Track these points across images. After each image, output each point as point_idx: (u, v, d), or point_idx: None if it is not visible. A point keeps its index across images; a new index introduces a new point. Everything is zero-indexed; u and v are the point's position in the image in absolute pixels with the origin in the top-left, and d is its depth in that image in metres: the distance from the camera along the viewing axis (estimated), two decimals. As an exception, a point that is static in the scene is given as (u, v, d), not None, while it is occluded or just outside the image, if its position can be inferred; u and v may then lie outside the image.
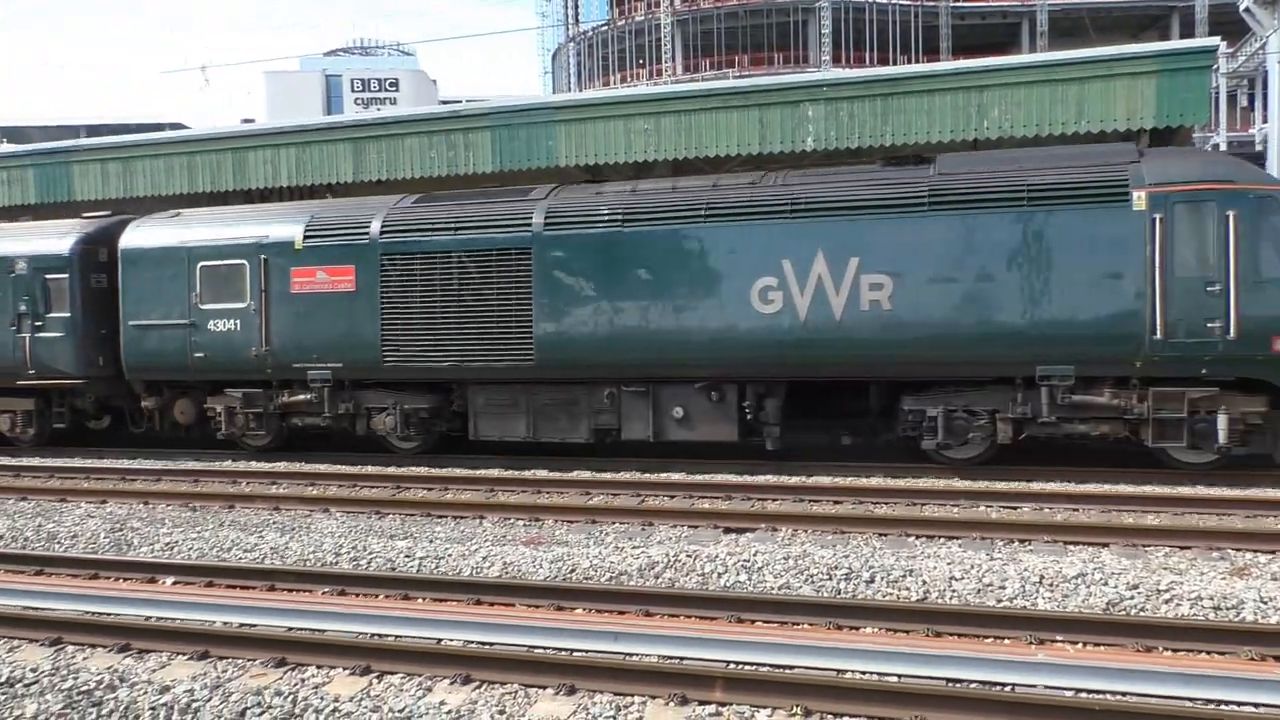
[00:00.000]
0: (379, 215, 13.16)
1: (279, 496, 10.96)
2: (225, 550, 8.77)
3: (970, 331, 10.74)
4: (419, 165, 15.37)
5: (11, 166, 18.22)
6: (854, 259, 11.06)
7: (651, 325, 11.81)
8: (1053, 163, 10.89)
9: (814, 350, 11.26)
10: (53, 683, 5.69)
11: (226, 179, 16.72)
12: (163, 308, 14.10)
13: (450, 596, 7.03)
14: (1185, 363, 10.24)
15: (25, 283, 14.99)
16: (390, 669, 5.73)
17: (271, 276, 13.49)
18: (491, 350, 12.45)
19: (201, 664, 5.95)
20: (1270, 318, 9.98)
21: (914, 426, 11.38)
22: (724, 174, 12.76)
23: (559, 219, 12.28)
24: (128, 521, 10.08)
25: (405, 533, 9.31)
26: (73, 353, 14.70)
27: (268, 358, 13.52)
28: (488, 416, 12.86)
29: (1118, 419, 10.64)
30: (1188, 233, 10.19)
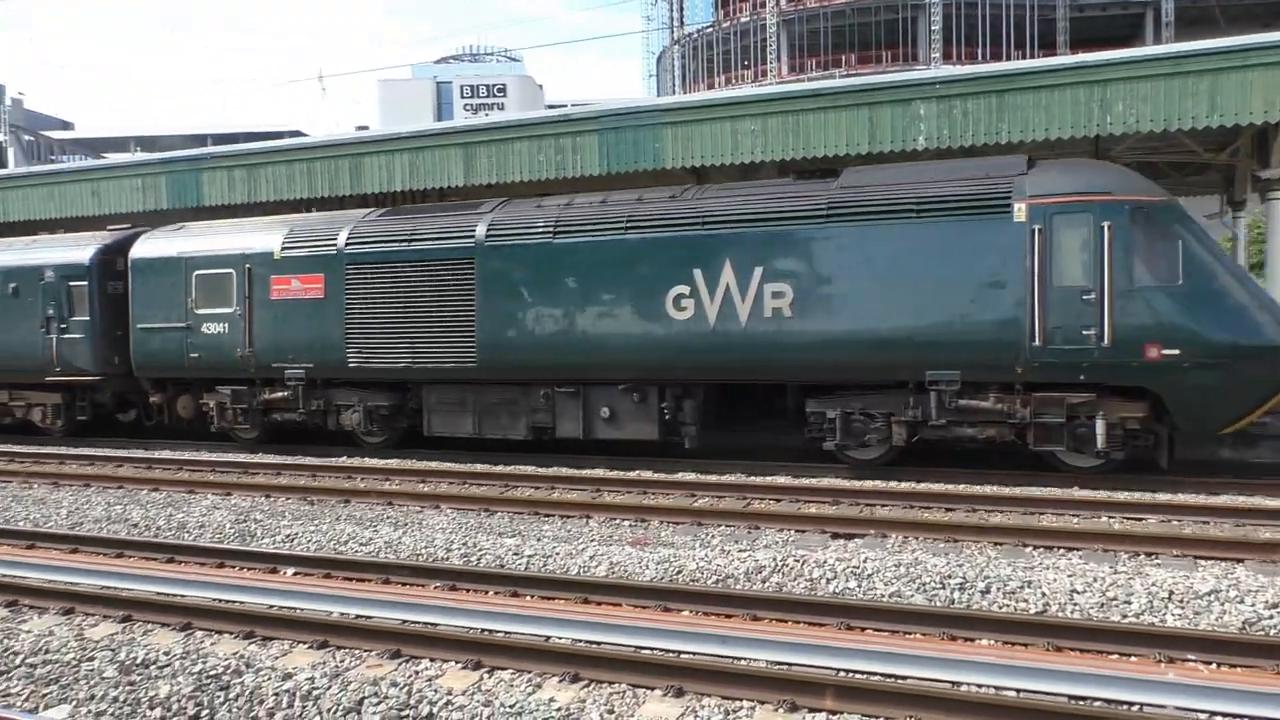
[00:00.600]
0: (346, 228, 14.24)
1: (392, 492, 11.25)
2: (342, 543, 9.05)
3: (864, 337, 11.17)
4: (528, 169, 15.60)
5: (146, 174, 19.19)
6: (759, 268, 11.61)
7: (579, 330, 12.55)
8: (945, 175, 11.22)
9: (722, 355, 11.82)
10: (183, 666, 5.95)
11: (344, 184, 17.27)
12: (165, 312, 15.34)
13: (558, 595, 7.10)
14: (1064, 369, 10.45)
15: (52, 289, 16.51)
16: (500, 664, 5.82)
17: (254, 284, 14.65)
18: (440, 353, 13.34)
19: (321, 653, 6.15)
20: (1142, 326, 10.13)
21: (817, 428, 11.80)
22: (651, 189, 13.29)
23: (499, 231, 13.11)
24: (251, 513, 10.49)
25: (514, 530, 9.45)
26: (91, 352, 16.10)
27: (251, 358, 14.61)
28: (439, 414, 13.73)
29: (1003, 423, 10.93)
30: (1064, 243, 10.43)
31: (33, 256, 17.03)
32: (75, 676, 5.86)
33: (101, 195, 19.35)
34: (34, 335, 16.59)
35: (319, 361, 14.19)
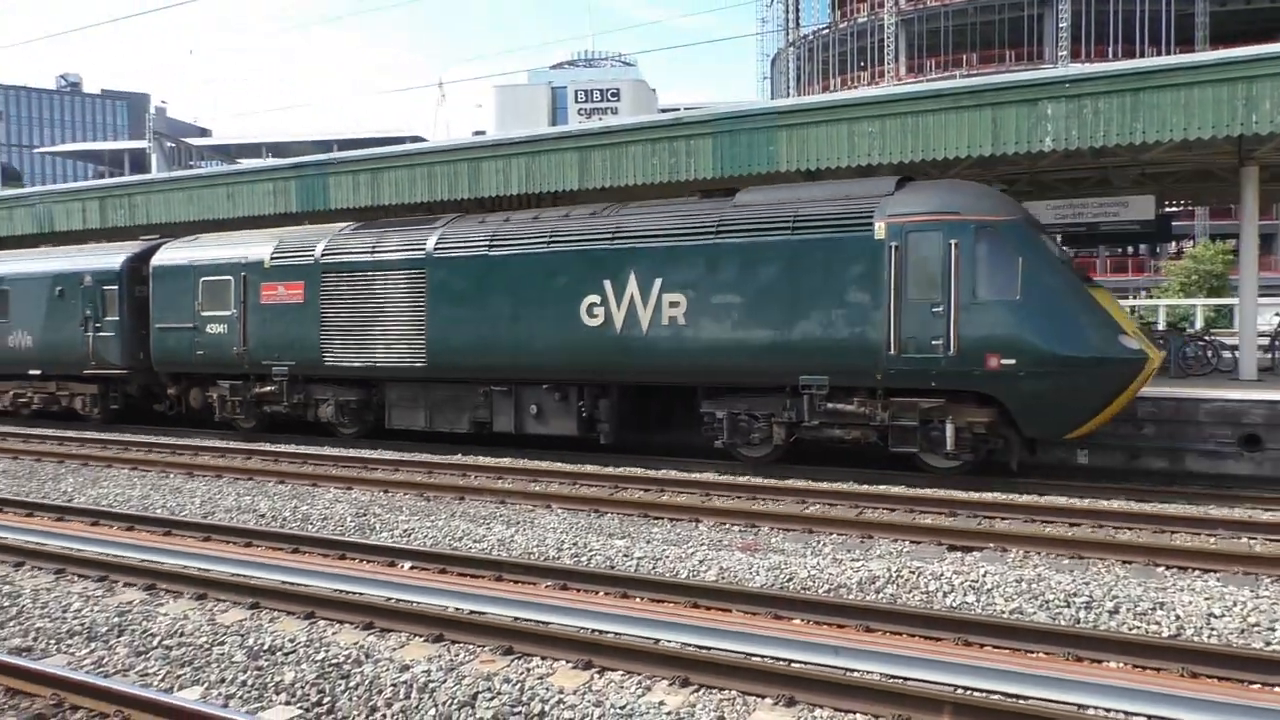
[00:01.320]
0: (323, 241, 15.98)
1: (505, 491, 11.44)
2: (456, 539, 9.24)
3: (746, 344, 12.20)
4: (641, 172, 15.66)
5: (277, 178, 20.00)
6: (659, 280, 12.76)
7: (510, 335, 13.87)
8: (822, 195, 12.26)
9: (628, 359, 13.02)
10: (307, 653, 6.16)
11: (462, 188, 17.66)
12: (177, 313, 17.32)
13: (667, 598, 7.09)
14: (917, 376, 11.28)
15: (89, 292, 18.69)
16: (611, 665, 5.84)
17: (248, 290, 16.48)
18: (398, 353, 14.91)
19: (436, 646, 6.28)
20: (984, 337, 10.87)
21: (710, 427, 12.86)
22: (578, 206, 14.54)
23: (446, 244, 14.61)
24: (370, 508, 10.81)
25: (623, 532, 9.49)
26: (119, 348, 18.27)
27: (245, 356, 16.44)
28: (398, 408, 15.27)
29: (866, 425, 11.80)
30: (917, 259, 11.24)
31: (74, 263, 19.28)
32: (207, 659, 6.13)
33: (236, 199, 20.25)
34: (75, 333, 18.78)
35: (300, 360, 15.90)
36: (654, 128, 15.86)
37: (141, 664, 6.12)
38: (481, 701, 5.34)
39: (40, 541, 9.28)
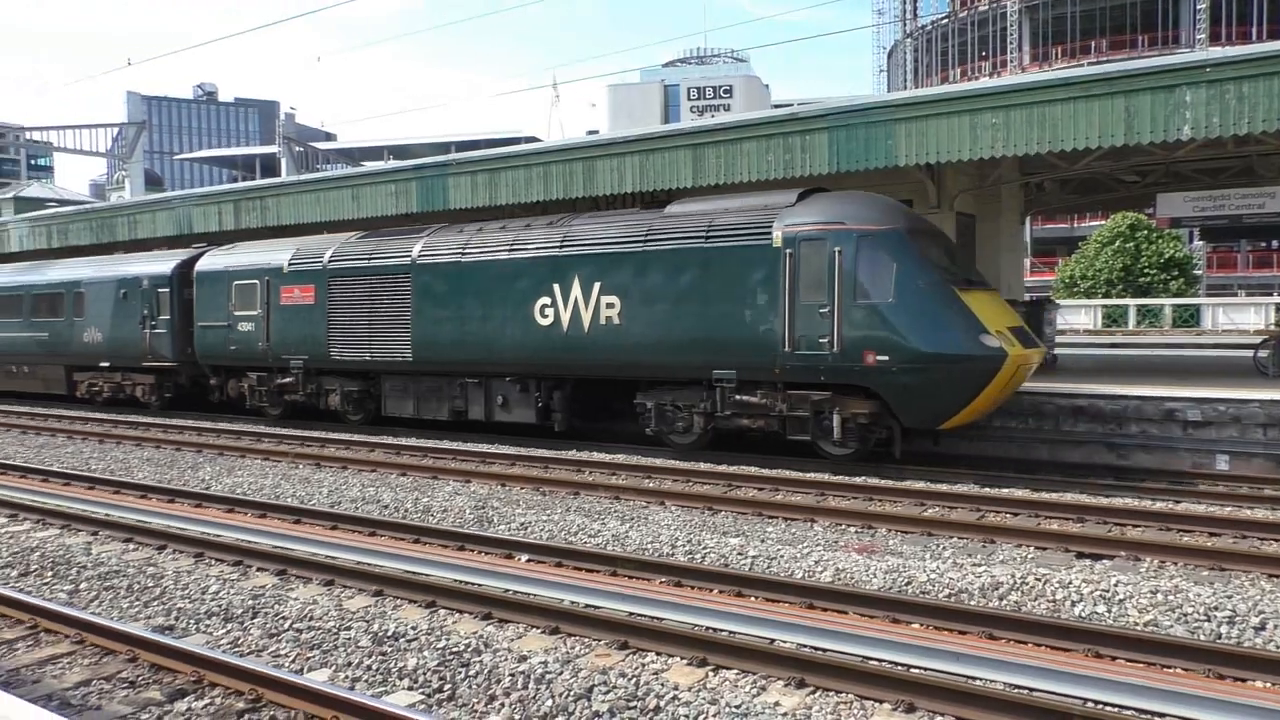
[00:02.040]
0: (331, 248, 17.72)
1: (619, 487, 11.52)
2: (571, 534, 9.35)
3: (669, 341, 13.37)
4: (755, 169, 15.54)
5: (399, 180, 20.57)
6: (598, 283, 14.02)
7: (479, 333, 15.32)
8: (737, 206, 13.42)
9: (573, 355, 14.36)
10: (429, 641, 6.33)
11: (577, 187, 17.84)
12: (215, 313, 19.30)
13: (782, 598, 7.02)
14: (807, 371, 12.31)
15: (146, 294, 20.82)
16: (726, 664, 5.82)
17: (271, 292, 18.31)
18: (389, 349, 16.51)
19: (553, 639, 6.37)
20: (862, 336, 11.82)
21: (643, 417, 14.08)
22: (539, 217, 15.95)
23: (428, 251, 16.19)
24: (488, 501, 11.04)
25: (737, 530, 9.44)
26: (170, 344, 20.33)
27: (268, 350, 18.33)
28: (391, 398, 16.89)
29: (768, 415, 12.82)
30: (807, 265, 12.26)
31: (135, 268, 21.58)
32: (335, 644, 6.36)
33: (361, 200, 20.92)
34: (135, 330, 21.02)
35: (311, 354, 17.70)
36: (768, 124, 15.71)
37: (274, 645, 6.38)
38: (598, 694, 5.38)
39: (181, 527, 9.77)
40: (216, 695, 5.47)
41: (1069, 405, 13.13)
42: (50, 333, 23.22)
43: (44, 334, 23.38)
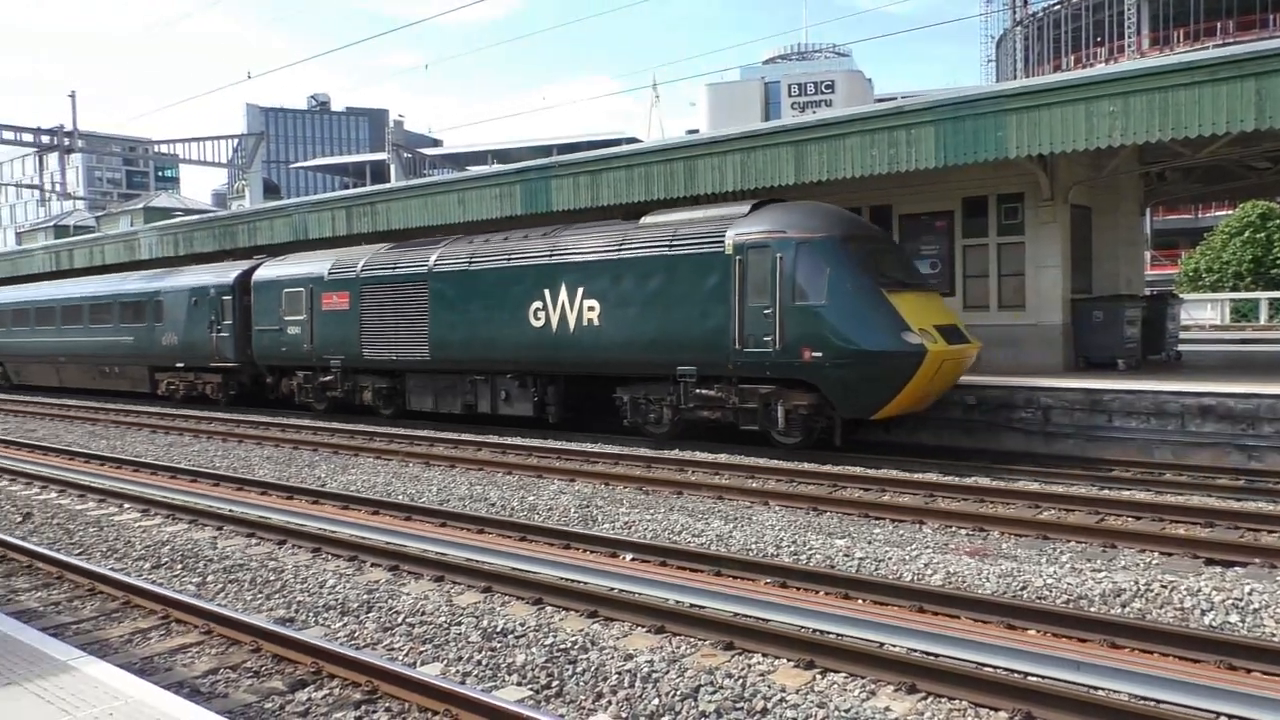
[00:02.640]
0: (363, 259, 19.67)
1: (722, 486, 11.47)
2: (676, 533, 9.35)
3: (640, 341, 14.69)
4: (859, 164, 15.30)
5: (503, 183, 20.95)
6: (581, 289, 15.47)
7: (484, 334, 16.92)
8: (698, 217, 14.72)
9: (561, 353, 15.86)
10: (536, 638, 6.41)
11: (678, 187, 17.86)
12: (268, 318, 21.40)
13: (891, 601, 6.87)
14: (755, 367, 13.49)
15: (213, 302, 22.92)
16: (833, 666, 5.73)
17: (314, 299, 20.30)
18: (411, 349, 18.24)
19: (658, 638, 6.38)
20: (801, 334, 12.94)
21: (621, 410, 15.51)
22: (534, 229, 17.43)
23: (442, 261, 17.91)
24: (592, 500, 11.12)
25: (843, 531, 9.30)
26: (233, 346, 22.39)
27: (312, 351, 20.32)
28: (414, 394, 18.73)
29: (723, 408, 14.03)
30: (754, 270, 13.42)
31: (204, 278, 23.76)
32: (445, 638, 6.49)
33: (467, 204, 21.36)
34: (205, 334, 23.15)
35: (347, 354, 19.60)
36: (872, 118, 15.46)
37: (387, 639, 6.55)
38: (704, 694, 5.37)
39: (299, 523, 10.12)
40: (334, 686, 5.64)
41: (1195, 405, 12.53)
42: (135, 337, 25.64)
43: (130, 338, 25.85)
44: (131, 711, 4.12)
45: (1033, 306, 16.93)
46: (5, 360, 32.40)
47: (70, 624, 6.95)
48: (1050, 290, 16.72)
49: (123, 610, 7.29)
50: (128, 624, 6.96)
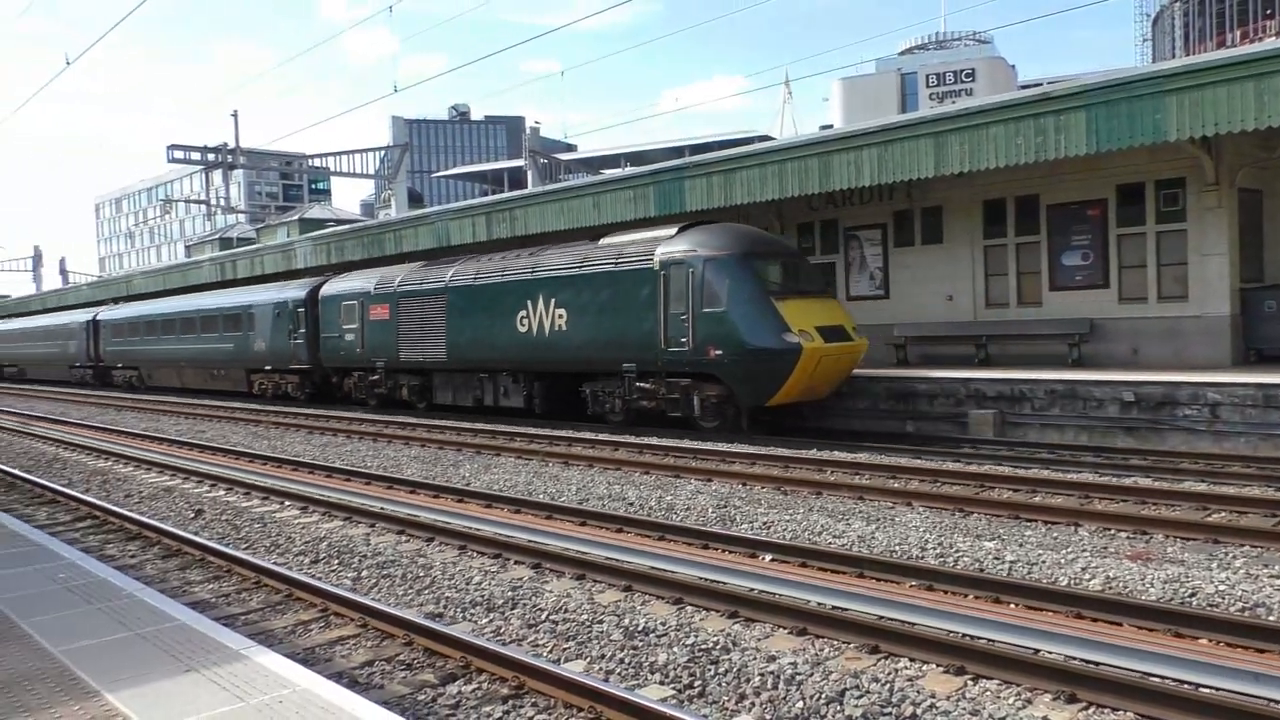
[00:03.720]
0: (400, 275, 23.27)
1: (863, 487, 11.24)
2: (815, 534, 9.21)
3: (593, 342, 17.59)
4: (1003, 154, 14.77)
5: (637, 186, 21.14)
6: (553, 298, 18.43)
7: (486, 339, 20.19)
8: (638, 238, 17.51)
9: (540, 354, 18.95)
10: (677, 637, 6.42)
11: (813, 183, 17.64)
12: (331, 327, 25.21)
13: (1045, 606, 6.58)
14: (676, 363, 16.09)
15: (291, 313, 26.88)
16: (985, 673, 5.53)
17: (364, 310, 23.92)
18: (435, 351, 21.64)
19: (800, 639, 6.29)
20: (707, 335, 15.47)
21: (584, 402, 18.40)
22: (522, 249, 20.77)
23: (456, 275, 21.31)
24: (730, 499, 11.08)
25: (992, 533, 8.97)
26: (306, 351, 26.42)
27: (364, 355, 24.02)
28: (438, 389, 22.22)
29: (655, 398, 16.76)
30: (674, 283, 15.97)
31: (284, 293, 27.76)
32: (588, 636, 6.57)
33: (601, 207, 21.65)
34: (285, 341, 27.10)
35: (388, 357, 23.19)
36: (1017, 105, 14.91)
37: (532, 635, 6.68)
38: (850, 698, 5.26)
39: (446, 521, 10.44)
40: (483, 680, 5.78)
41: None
42: (234, 344, 29.83)
43: (230, 345, 30.08)
44: (299, 699, 4.32)
45: (1196, 297, 16.00)
46: (139, 365, 37.43)
47: (239, 614, 7.36)
48: (1216, 280, 15.75)
49: (285, 603, 7.67)
50: (290, 616, 7.33)
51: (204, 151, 39.49)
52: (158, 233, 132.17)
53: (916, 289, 19.91)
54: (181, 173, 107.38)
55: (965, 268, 19.13)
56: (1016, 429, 14.95)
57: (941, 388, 16.00)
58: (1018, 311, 18.40)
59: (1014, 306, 18.50)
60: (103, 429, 22.84)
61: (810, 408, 17.06)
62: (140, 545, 10.08)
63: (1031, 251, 18.24)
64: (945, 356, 18.96)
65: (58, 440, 20.74)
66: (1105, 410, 13.89)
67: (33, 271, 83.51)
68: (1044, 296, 18.08)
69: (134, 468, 16.14)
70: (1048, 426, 14.54)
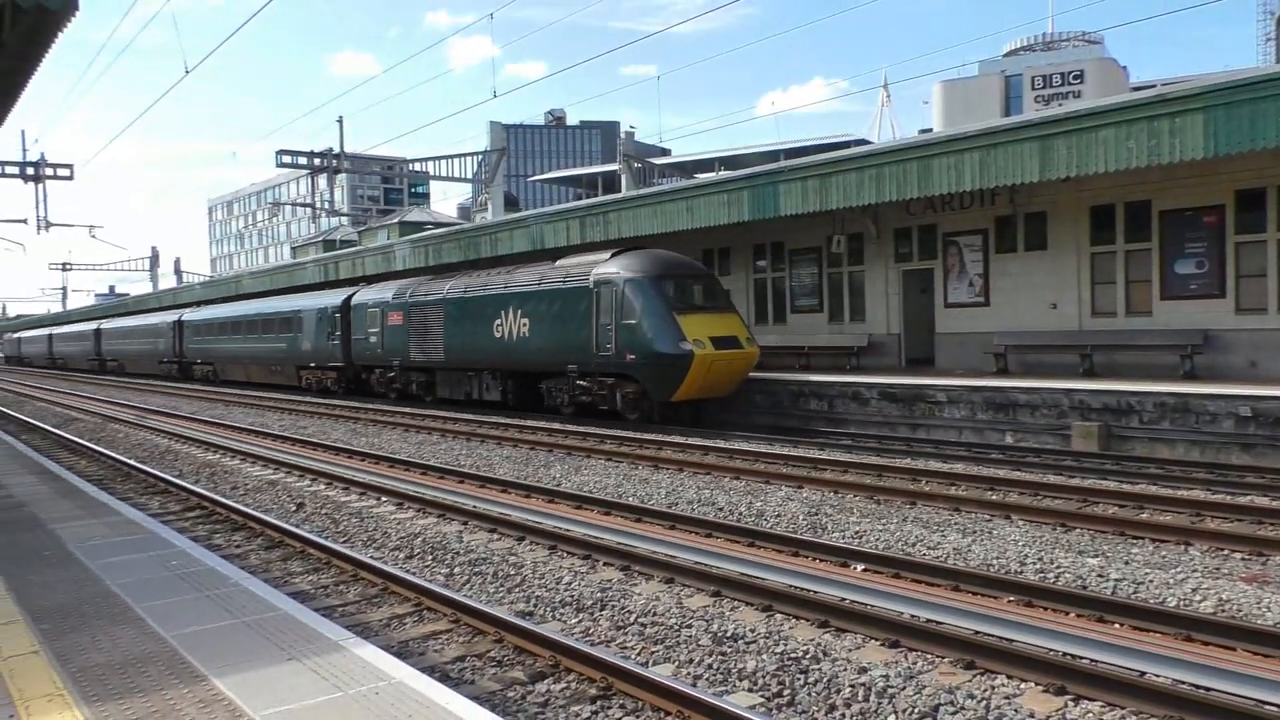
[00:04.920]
0: (411, 286, 26.99)
1: (959, 498, 10.98)
2: (909, 545, 9.04)
3: (546, 347, 20.97)
4: (1113, 158, 14.28)
5: (731, 190, 21.06)
6: (520, 309, 21.81)
7: (471, 343, 23.61)
8: (582, 260, 20.99)
9: (510, 356, 22.30)
10: (766, 645, 6.36)
11: (911, 187, 17.33)
12: (359, 330, 29.13)
13: (1152, 627, 6.33)
14: (605, 364, 19.41)
15: (330, 318, 30.87)
16: (1087, 694, 5.34)
17: (384, 316, 27.71)
18: (436, 353, 25.22)
19: (892, 652, 6.17)
20: (625, 342, 18.80)
21: (542, 397, 21.87)
22: (500, 267, 24.59)
23: (451, 290, 24.80)
24: (821, 507, 10.94)
25: (1095, 550, 8.67)
26: (341, 351, 30.30)
27: (383, 355, 27.89)
28: (440, 385, 25.87)
29: (591, 393, 20.06)
30: (604, 299, 19.32)
31: (325, 300, 31.76)
32: (677, 640, 6.56)
33: (695, 211, 21.63)
34: (326, 342, 31.18)
35: (401, 357, 26.94)
36: (1129, 107, 14.39)
37: (620, 637, 6.71)
38: (944, 714, 5.14)
39: (537, 520, 10.55)
40: (571, 680, 5.82)
41: None
42: (287, 344, 33.94)
43: (283, 345, 34.25)
44: (394, 691, 4.42)
45: (1325, 308, 15.20)
46: (213, 361, 42.34)
47: (337, 606, 7.57)
48: (1342, 290, 14.95)
49: (381, 596, 7.86)
50: (386, 609, 7.50)
51: (310, 156, 40.78)
52: (265, 234, 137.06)
53: (1018, 296, 19.37)
54: (289, 177, 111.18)
55: (1070, 275, 18.55)
56: (1123, 443, 14.41)
57: (1043, 398, 15.53)
58: (1126, 321, 17.76)
59: (1122, 316, 17.86)
60: (211, 423, 23.78)
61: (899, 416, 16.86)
62: (245, 536, 10.45)
63: (1142, 259, 17.58)
64: (1047, 366, 18.41)
65: (170, 433, 21.66)
66: (1219, 425, 13.30)
67: (150, 271, 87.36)
68: (1154, 306, 17.40)
69: (240, 461, 16.76)
70: (1157, 441, 13.98)
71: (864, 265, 22.21)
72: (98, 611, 5.86)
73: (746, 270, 25.26)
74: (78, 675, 4.73)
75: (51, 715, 4.24)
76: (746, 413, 20.09)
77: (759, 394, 20.13)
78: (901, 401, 17.47)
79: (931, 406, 16.97)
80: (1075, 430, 14.80)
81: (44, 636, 5.38)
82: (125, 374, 55.17)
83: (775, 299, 24.62)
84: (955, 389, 16.70)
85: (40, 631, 5.47)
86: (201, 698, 4.40)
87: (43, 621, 5.67)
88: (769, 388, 19.95)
